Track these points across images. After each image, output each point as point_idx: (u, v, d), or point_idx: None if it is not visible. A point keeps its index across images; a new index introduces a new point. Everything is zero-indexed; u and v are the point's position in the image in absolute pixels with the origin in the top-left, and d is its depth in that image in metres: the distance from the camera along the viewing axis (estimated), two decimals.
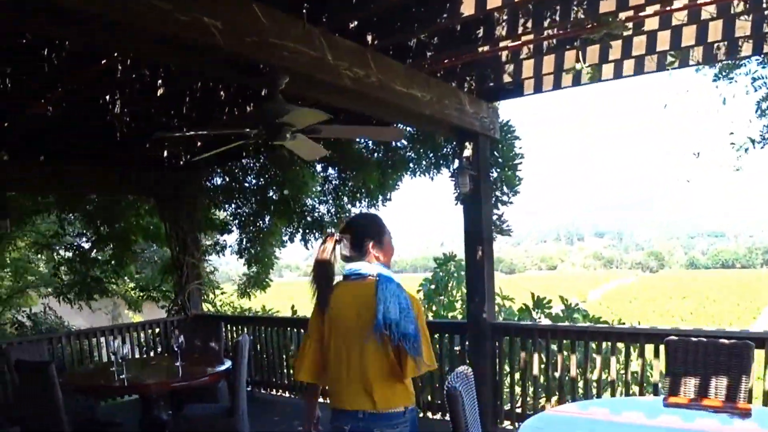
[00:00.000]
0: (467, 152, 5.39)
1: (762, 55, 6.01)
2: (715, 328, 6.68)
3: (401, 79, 4.29)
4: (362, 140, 7.64)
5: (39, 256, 12.08)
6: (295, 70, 3.51)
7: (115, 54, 4.22)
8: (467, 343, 5.80)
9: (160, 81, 5.01)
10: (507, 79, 5.02)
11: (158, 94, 5.06)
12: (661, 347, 4.77)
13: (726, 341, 3.73)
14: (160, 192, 7.94)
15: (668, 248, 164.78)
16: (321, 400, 6.94)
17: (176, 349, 5.15)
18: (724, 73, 6.50)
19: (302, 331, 7.11)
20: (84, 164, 7.06)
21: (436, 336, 5.87)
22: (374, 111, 4.70)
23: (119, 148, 6.67)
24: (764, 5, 3.90)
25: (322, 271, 2.86)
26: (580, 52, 4.25)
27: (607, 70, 4.77)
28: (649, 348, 5.02)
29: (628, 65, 4.73)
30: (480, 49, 4.45)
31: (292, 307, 8.60)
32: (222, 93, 5.34)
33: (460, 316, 7.68)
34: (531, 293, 6.70)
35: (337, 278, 2.91)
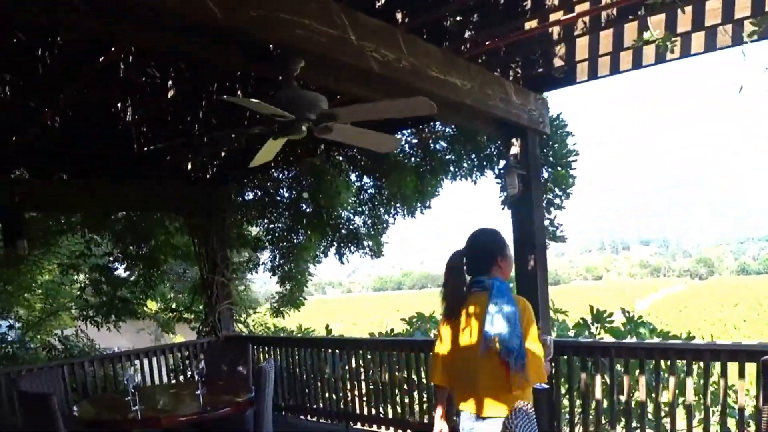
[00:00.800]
0: (514, 149, 4.80)
1: None
2: None
3: (437, 64, 3.72)
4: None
5: (70, 277, 11.80)
6: (312, 51, 2.96)
7: (112, 48, 3.76)
8: None
9: (170, 82, 4.56)
10: (558, 63, 4.41)
11: (169, 96, 4.60)
12: (747, 366, 4.13)
13: None
14: (187, 207, 7.57)
15: (717, 254, 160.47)
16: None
17: (197, 376, 4.69)
18: None
19: (338, 351, 6.62)
20: (106, 180, 6.71)
21: None
22: None
23: (140, 161, 6.30)
24: None
25: (453, 280, 3.03)
26: (649, 19, 3.62)
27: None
28: (731, 367, 4.34)
29: (698, 41, 4.06)
30: (527, 25, 3.87)
31: (327, 326, 8.07)
32: (239, 92, 4.85)
33: None
34: (590, 306, 6.05)
35: None
